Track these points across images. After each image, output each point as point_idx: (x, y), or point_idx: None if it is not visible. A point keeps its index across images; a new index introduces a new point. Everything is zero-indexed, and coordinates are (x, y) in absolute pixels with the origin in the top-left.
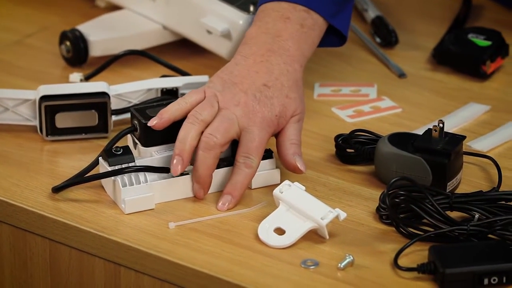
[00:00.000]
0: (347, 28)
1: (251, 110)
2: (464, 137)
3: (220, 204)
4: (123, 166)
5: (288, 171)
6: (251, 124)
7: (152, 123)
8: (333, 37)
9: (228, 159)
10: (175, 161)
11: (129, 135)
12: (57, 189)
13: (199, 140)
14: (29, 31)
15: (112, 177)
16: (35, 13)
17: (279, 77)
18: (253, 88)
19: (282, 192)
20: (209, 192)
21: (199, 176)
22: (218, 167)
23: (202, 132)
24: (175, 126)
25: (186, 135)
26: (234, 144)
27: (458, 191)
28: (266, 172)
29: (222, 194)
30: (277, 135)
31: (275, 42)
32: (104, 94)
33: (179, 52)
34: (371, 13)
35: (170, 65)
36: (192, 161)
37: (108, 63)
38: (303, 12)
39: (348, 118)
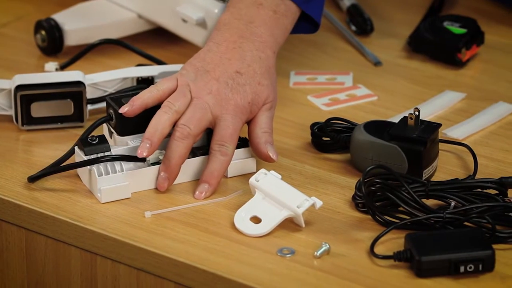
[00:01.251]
0: (320, 15)
1: (224, 98)
2: (439, 125)
3: (197, 192)
4: (99, 155)
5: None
6: (224, 112)
7: (123, 110)
8: (305, 24)
9: (203, 147)
10: (142, 143)
11: (104, 124)
12: (32, 179)
13: (173, 130)
14: (4, 21)
15: (88, 167)
16: (10, 2)
17: (251, 64)
18: (226, 75)
19: (258, 181)
20: (186, 181)
21: (169, 165)
22: (194, 155)
23: (175, 123)
24: (150, 115)
25: (158, 122)
26: (210, 133)
27: (434, 179)
28: (242, 160)
29: (199, 183)
30: (248, 123)
31: (248, 29)
32: (80, 83)
33: (155, 41)
34: (346, 2)
35: (145, 54)
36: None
37: (83, 52)
38: None
39: (323, 106)
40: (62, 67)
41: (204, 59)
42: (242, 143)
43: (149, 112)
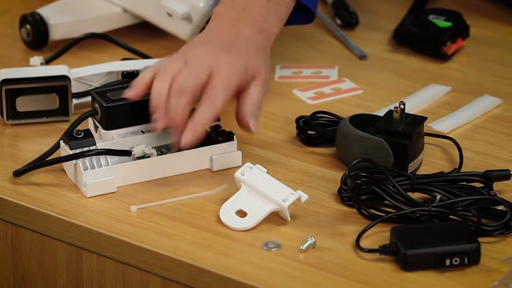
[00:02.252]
0: (315, 5)
1: (219, 58)
2: (425, 118)
3: (181, 142)
4: (84, 149)
5: (249, 153)
6: (219, 70)
7: (126, 94)
8: (301, 15)
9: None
10: (155, 115)
11: (90, 118)
12: (18, 173)
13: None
14: None
15: (73, 161)
16: None
17: (247, 41)
18: (221, 44)
19: (243, 175)
20: (171, 175)
21: (175, 123)
22: (180, 149)
23: None
24: (135, 110)
25: (160, 88)
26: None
27: (419, 172)
28: (227, 154)
29: (184, 132)
30: (238, 96)
31: (243, 16)
32: (65, 78)
33: (140, 35)
34: None
35: (130, 48)
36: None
37: (68, 46)
38: None
39: (309, 100)
40: (47, 61)
41: (197, 40)
42: (228, 136)
43: (134, 107)
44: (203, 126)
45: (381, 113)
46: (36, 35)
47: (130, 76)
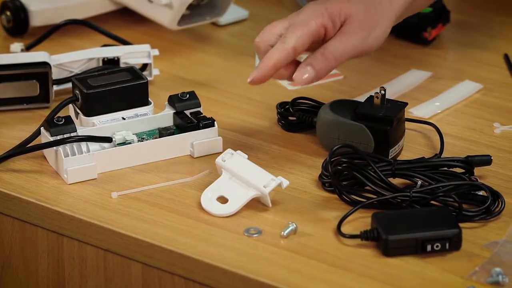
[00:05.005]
0: None
1: (305, 6)
2: (406, 104)
3: (248, 78)
4: (65, 136)
5: (230, 139)
6: (297, 16)
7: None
8: None
9: (170, 128)
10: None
11: (70, 105)
12: None
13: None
14: None
15: (54, 147)
16: None
17: None
18: None
19: (224, 161)
20: (152, 161)
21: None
22: (161, 136)
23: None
24: (116, 96)
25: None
26: (177, 114)
27: (400, 158)
28: (208, 140)
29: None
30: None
31: None
32: (45, 64)
33: (120, 21)
34: None
35: (111, 34)
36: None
37: (49, 32)
38: None
39: (290, 86)
40: (28, 48)
41: None
42: (209, 122)
43: (115, 93)
44: (267, 64)
45: (361, 99)
46: (16, 22)
47: (110, 63)
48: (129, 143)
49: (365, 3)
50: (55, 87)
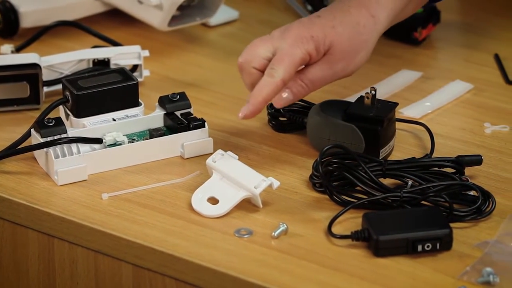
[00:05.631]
0: None
1: (288, 29)
2: (396, 104)
3: (239, 114)
4: (56, 137)
5: (220, 140)
6: (283, 42)
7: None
8: None
9: (160, 129)
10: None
11: (61, 106)
12: None
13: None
14: None
15: (45, 149)
16: None
17: (335, 13)
18: (306, 18)
19: (215, 162)
20: (142, 162)
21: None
22: (152, 137)
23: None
24: (107, 97)
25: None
26: (168, 115)
27: (391, 158)
28: (199, 141)
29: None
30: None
31: None
32: (36, 66)
33: (110, 22)
34: None
35: (101, 35)
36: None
37: (39, 34)
38: None
39: None
40: (18, 50)
41: None
42: (199, 123)
43: (105, 95)
44: (257, 99)
45: (352, 99)
46: (7, 23)
47: (101, 64)
48: (120, 144)
49: (350, 29)
50: (45, 89)
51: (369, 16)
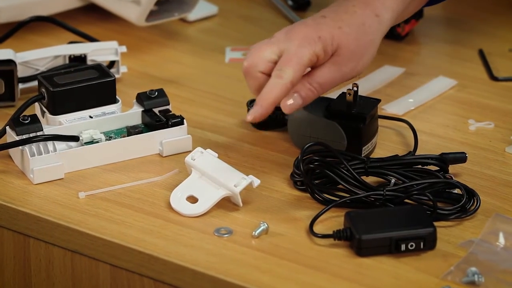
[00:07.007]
0: None
1: (295, 31)
2: (379, 101)
3: (247, 115)
4: (31, 135)
5: (200, 137)
6: (290, 44)
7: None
8: None
9: (138, 127)
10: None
11: (36, 103)
12: None
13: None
14: None
15: (20, 147)
16: None
17: (340, 13)
18: (309, 19)
19: (194, 160)
20: (120, 160)
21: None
22: (129, 134)
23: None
24: (84, 94)
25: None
26: (146, 112)
27: (373, 155)
28: (177, 139)
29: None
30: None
31: None
32: (11, 62)
33: (87, 17)
34: None
35: (77, 31)
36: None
37: (14, 30)
38: None
39: None
40: None
41: None
42: (178, 120)
43: (82, 91)
44: (266, 101)
45: (334, 95)
46: None
47: (77, 60)
48: (97, 142)
49: (356, 30)
50: (20, 85)
51: (374, 16)
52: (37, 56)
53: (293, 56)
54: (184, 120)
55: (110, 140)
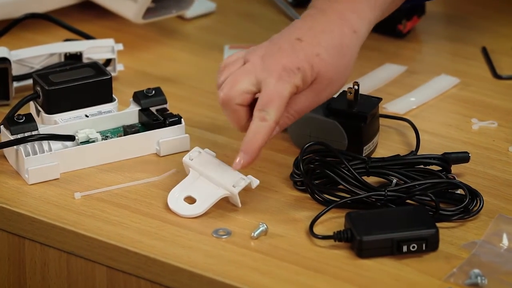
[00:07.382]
0: None
1: (272, 61)
2: (380, 99)
3: (234, 163)
4: (26, 134)
5: (198, 137)
6: (268, 76)
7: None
8: None
9: (135, 126)
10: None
11: (31, 102)
12: None
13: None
14: None
15: (15, 146)
16: None
17: (318, 35)
18: (284, 40)
19: (192, 159)
20: (116, 160)
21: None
22: (126, 134)
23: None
24: (79, 92)
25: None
26: (142, 111)
27: (375, 155)
28: (175, 138)
29: (238, 152)
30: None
31: (329, 6)
32: (5, 60)
33: (83, 15)
34: None
35: (73, 28)
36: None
37: (8, 27)
38: None
39: None
40: None
41: (279, 31)
42: (176, 120)
43: (78, 90)
44: (252, 147)
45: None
46: None
47: (73, 58)
48: (93, 141)
49: (335, 54)
50: (15, 84)
51: (351, 33)
52: (32, 54)
53: (274, 94)
54: (182, 119)
55: (106, 139)
